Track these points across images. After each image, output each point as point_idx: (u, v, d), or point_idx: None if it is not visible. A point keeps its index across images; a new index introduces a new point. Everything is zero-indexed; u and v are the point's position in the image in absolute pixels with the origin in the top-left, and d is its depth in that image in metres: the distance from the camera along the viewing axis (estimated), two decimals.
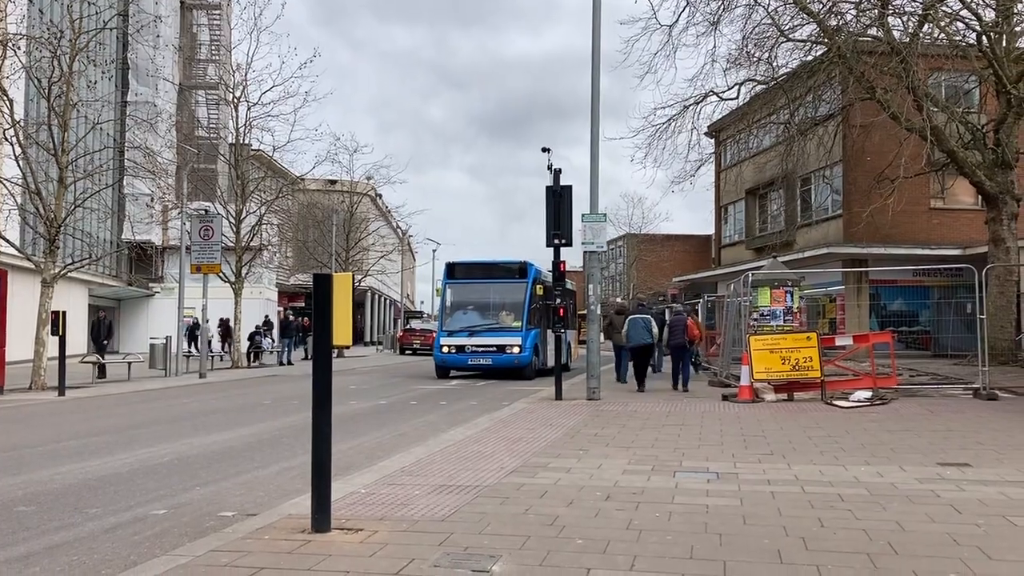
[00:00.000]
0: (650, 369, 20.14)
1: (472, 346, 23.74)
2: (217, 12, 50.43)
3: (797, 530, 5.79)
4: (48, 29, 21.27)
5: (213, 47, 49.90)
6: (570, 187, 16.43)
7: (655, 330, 18.10)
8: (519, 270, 24.46)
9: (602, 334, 18.93)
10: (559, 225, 16.15)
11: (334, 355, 6.45)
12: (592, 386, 15.62)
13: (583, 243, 15.87)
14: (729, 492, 7.12)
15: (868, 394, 14.86)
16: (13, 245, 22.23)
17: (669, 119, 24.53)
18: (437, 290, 38.45)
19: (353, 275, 6.37)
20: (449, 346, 23.90)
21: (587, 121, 21.32)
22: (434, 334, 54.67)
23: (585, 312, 18.06)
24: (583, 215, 15.91)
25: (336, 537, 5.59)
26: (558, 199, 16.29)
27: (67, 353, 20.18)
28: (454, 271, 25.43)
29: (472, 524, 5.93)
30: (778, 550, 5.28)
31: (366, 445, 10.76)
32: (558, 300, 17.24)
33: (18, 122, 20.91)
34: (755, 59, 23.28)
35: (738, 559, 5.08)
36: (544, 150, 18.50)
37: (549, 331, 24.00)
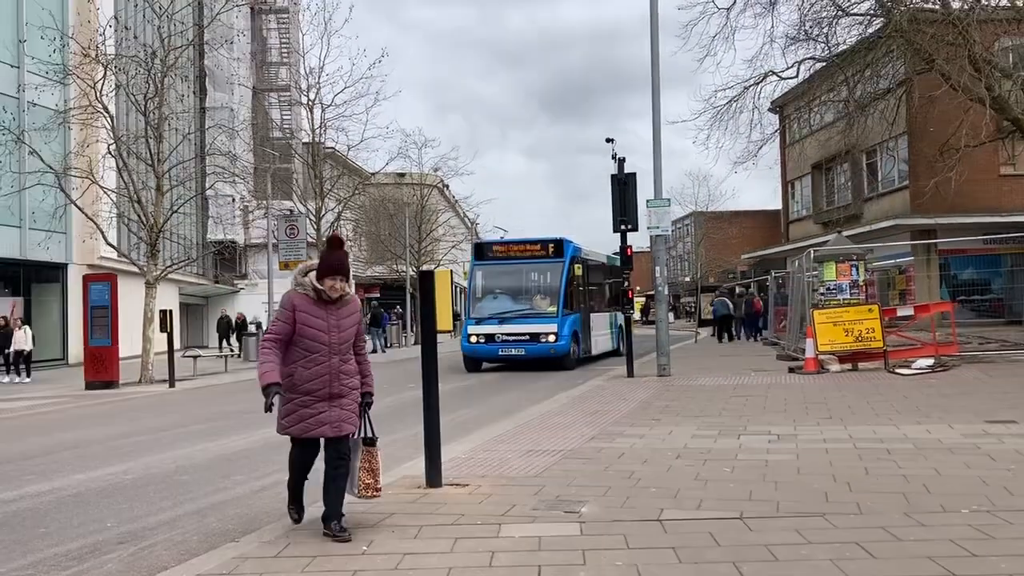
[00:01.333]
0: (726, 337, 31.81)
1: (503, 335, 21.00)
2: (285, 16, 52.26)
3: (844, 477, 6.66)
4: (144, 49, 22.85)
5: (283, 50, 51.71)
6: (634, 175, 17.29)
7: (731, 306, 32.04)
8: (554, 248, 21.60)
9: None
10: (625, 211, 17.03)
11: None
12: (662, 363, 16.51)
13: (648, 228, 16.72)
14: (787, 450, 8.00)
15: (930, 362, 15.43)
16: (122, 253, 24.03)
17: (730, 100, 25.05)
18: (464, 272, 37.96)
19: (451, 271, 7.41)
20: (477, 335, 21.20)
21: (650, 93, 21.52)
22: None
23: (649, 292, 19.15)
24: (648, 200, 16.76)
25: (448, 491, 6.66)
26: (623, 187, 17.16)
27: (159, 349, 21.85)
28: (482, 252, 22.87)
29: (560, 479, 6.95)
30: (825, 492, 6.17)
31: (459, 419, 11.87)
32: (625, 283, 18.23)
33: (120, 137, 22.60)
34: (813, 36, 23.67)
35: (790, 499, 5.99)
36: (608, 140, 19.35)
37: (593, 314, 23.33)
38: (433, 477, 6.82)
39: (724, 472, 7.03)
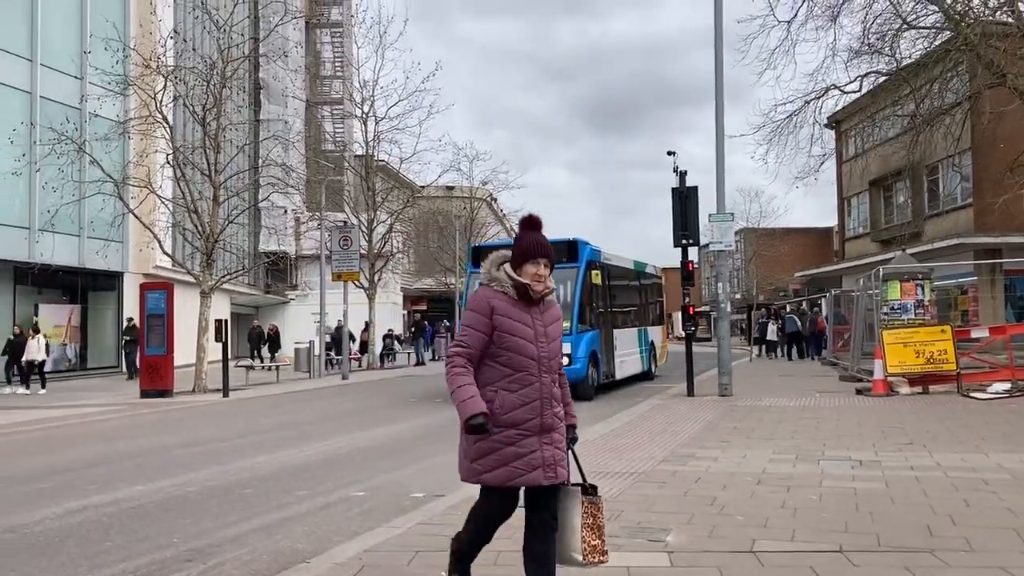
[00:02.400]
0: (795, 353, 32.25)
1: None
2: (339, 30, 52.77)
3: (944, 509, 6.25)
4: (202, 61, 23.07)
5: (337, 63, 52.18)
6: (695, 188, 16.95)
7: (799, 323, 32.22)
8: (567, 251, 17.47)
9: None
10: (686, 225, 16.67)
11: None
12: (724, 382, 16.07)
13: (711, 243, 16.34)
14: (874, 477, 7.58)
15: (1007, 386, 14.79)
16: (177, 262, 24.22)
17: (790, 115, 24.56)
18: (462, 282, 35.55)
19: None
20: None
21: (700, 107, 20.84)
22: None
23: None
24: (710, 215, 16.39)
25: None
26: (684, 200, 16.81)
27: (215, 359, 21.89)
28: (481, 257, 20.19)
29: (639, 503, 6.63)
30: (927, 525, 5.77)
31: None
32: (686, 297, 17.58)
33: (178, 147, 22.81)
34: (876, 50, 23.11)
35: (889, 531, 5.61)
36: (669, 153, 18.98)
37: (617, 331, 20.00)
38: None
39: (812, 500, 6.66)
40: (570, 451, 4.28)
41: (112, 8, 28.65)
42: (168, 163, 22.73)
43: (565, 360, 14.63)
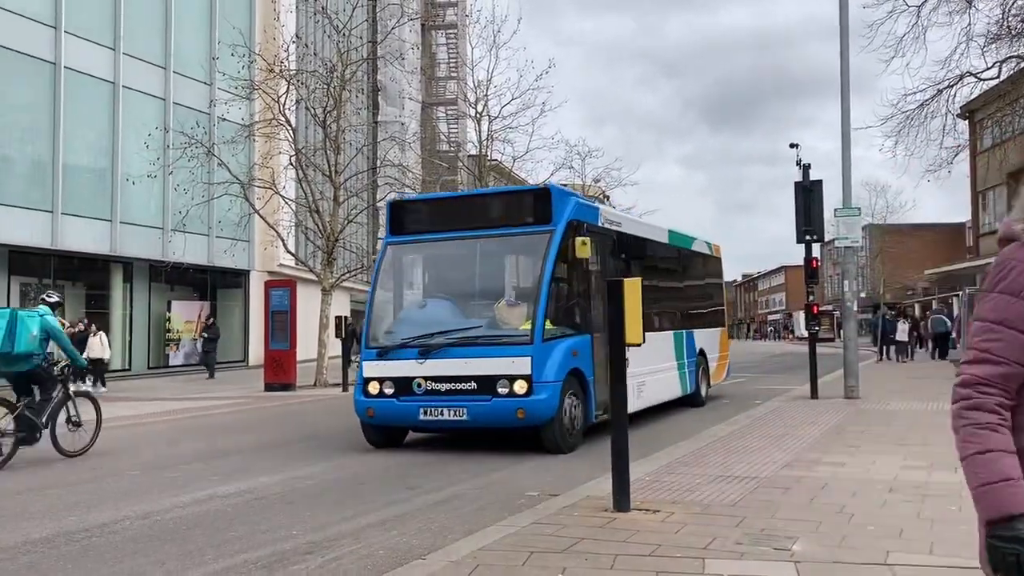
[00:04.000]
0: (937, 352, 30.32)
1: (426, 380, 10.34)
2: (453, 31, 53.44)
3: None
4: (323, 64, 23.72)
5: (452, 64, 52.86)
6: (820, 182, 16.29)
7: (949, 324, 28.06)
8: (534, 205, 10.95)
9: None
10: (810, 220, 16.04)
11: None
12: (850, 384, 15.39)
13: (836, 239, 15.68)
14: None
15: None
16: (300, 260, 25.00)
17: (921, 104, 23.38)
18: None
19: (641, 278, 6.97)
20: (379, 381, 10.58)
21: (819, 99, 19.97)
22: None
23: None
24: (836, 210, 15.74)
25: (637, 516, 6.21)
26: (808, 194, 16.19)
27: (335, 354, 22.43)
28: (402, 219, 11.73)
29: (761, 509, 6.35)
30: None
31: (634, 438, 11.37)
32: (810, 297, 16.81)
33: (300, 149, 23.53)
34: (1018, 33, 21.74)
35: None
36: (792, 146, 18.27)
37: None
38: (621, 501, 6.38)
39: (951, 511, 6.23)
40: None
41: (239, 16, 29.83)
42: (291, 164, 23.49)
43: (519, 386, 9.75)
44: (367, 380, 10.60)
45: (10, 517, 7.18)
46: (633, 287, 6.73)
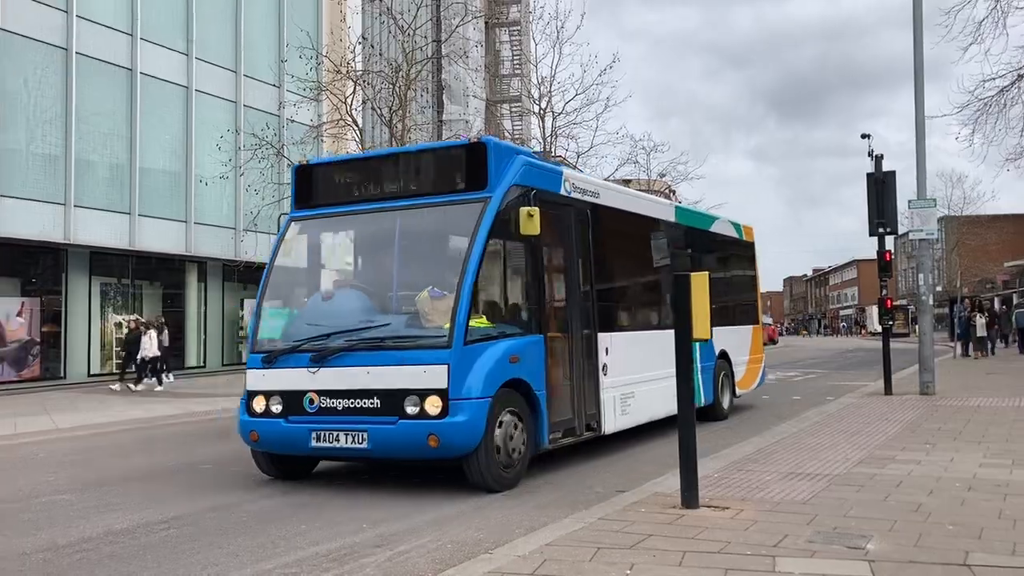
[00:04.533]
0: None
1: (319, 395, 8.01)
2: (517, 28, 53.51)
3: None
4: (388, 65, 23.97)
5: (515, 61, 52.94)
6: (893, 173, 15.89)
7: None
8: (465, 166, 8.59)
9: None
10: (882, 213, 15.65)
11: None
12: (926, 380, 14.98)
13: (911, 231, 15.26)
14: None
15: None
16: None
17: (1000, 90, 22.57)
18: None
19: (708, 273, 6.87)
20: (265, 395, 8.34)
21: (891, 89, 19.42)
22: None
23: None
24: (910, 201, 15.30)
25: (706, 513, 6.14)
26: (880, 186, 15.79)
27: None
28: (308, 187, 9.48)
29: (834, 507, 6.22)
30: None
31: (703, 434, 11.24)
32: (883, 291, 16.36)
33: (367, 149, 23.82)
34: None
35: None
36: (863, 136, 17.80)
37: (613, 335, 10.06)
38: (689, 497, 6.32)
39: None
40: None
41: (306, 19, 30.32)
42: None
43: (432, 406, 7.33)
44: (251, 394, 8.35)
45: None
46: (701, 281, 6.64)
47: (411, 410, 7.51)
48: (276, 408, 8.17)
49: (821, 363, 31.90)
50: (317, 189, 9.29)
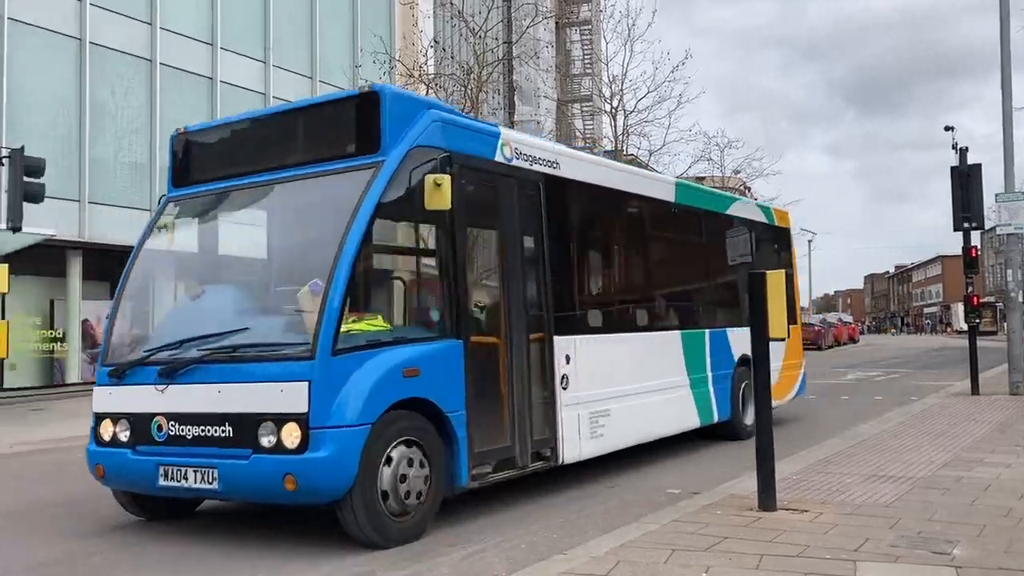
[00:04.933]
0: None
1: (168, 420, 6.30)
2: (587, 27, 53.36)
3: None
4: (460, 67, 24.19)
5: (586, 61, 52.82)
6: (979, 166, 15.34)
7: None
8: (355, 124, 6.70)
9: None
10: (968, 207, 15.13)
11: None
12: (1016, 380, 14.45)
13: (998, 225, 14.74)
14: None
15: None
16: None
17: None
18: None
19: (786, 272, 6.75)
20: (112, 418, 6.66)
21: (976, 79, 18.81)
22: (816, 328, 51.96)
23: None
24: (997, 195, 14.78)
25: (784, 516, 6.03)
26: (965, 179, 15.27)
27: None
28: (186, 161, 7.71)
29: (918, 511, 6.05)
30: None
31: (777, 435, 11.04)
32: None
33: None
34: None
35: None
36: (947, 128, 17.20)
37: (582, 338, 8.11)
38: (767, 499, 6.22)
39: None
40: None
41: (379, 24, 30.80)
42: None
43: (290, 435, 5.70)
44: (98, 417, 6.77)
45: None
46: (776, 279, 6.53)
47: (266, 441, 5.82)
48: (124, 435, 6.56)
49: (904, 362, 31.02)
50: (196, 162, 7.62)
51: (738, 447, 9.96)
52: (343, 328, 5.91)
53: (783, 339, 6.59)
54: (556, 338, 7.66)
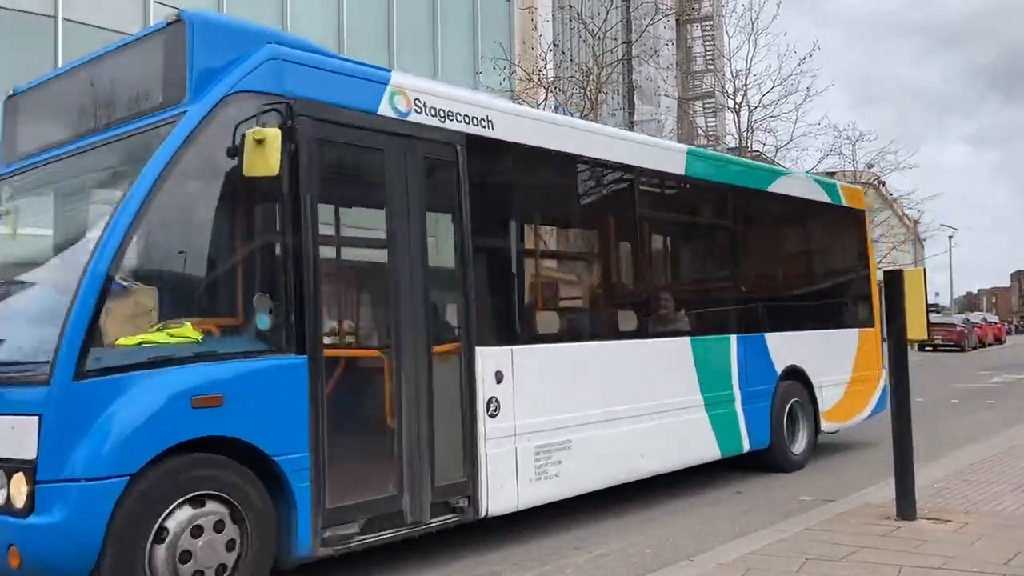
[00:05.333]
0: None
1: None
2: (709, 23, 52.38)
3: None
4: (579, 69, 24.20)
5: (708, 57, 51.89)
6: None
7: None
8: (161, 68, 5.10)
9: None
10: None
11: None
12: None
13: None
14: None
15: None
16: None
17: None
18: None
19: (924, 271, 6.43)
20: None
21: None
22: (958, 328, 49.38)
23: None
24: None
25: (925, 525, 5.74)
26: None
27: None
28: (14, 130, 6.03)
29: None
30: None
31: (917, 441, 10.53)
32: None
33: None
34: None
35: None
36: None
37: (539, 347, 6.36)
38: (906, 508, 5.94)
39: None
40: None
41: (499, 30, 31.12)
42: None
43: (15, 490, 4.14)
44: None
45: None
46: (915, 277, 6.23)
47: None
48: None
49: None
50: (25, 131, 6.01)
51: (874, 452, 9.54)
52: (106, 341, 4.33)
53: (923, 339, 6.28)
54: (481, 350, 5.84)
